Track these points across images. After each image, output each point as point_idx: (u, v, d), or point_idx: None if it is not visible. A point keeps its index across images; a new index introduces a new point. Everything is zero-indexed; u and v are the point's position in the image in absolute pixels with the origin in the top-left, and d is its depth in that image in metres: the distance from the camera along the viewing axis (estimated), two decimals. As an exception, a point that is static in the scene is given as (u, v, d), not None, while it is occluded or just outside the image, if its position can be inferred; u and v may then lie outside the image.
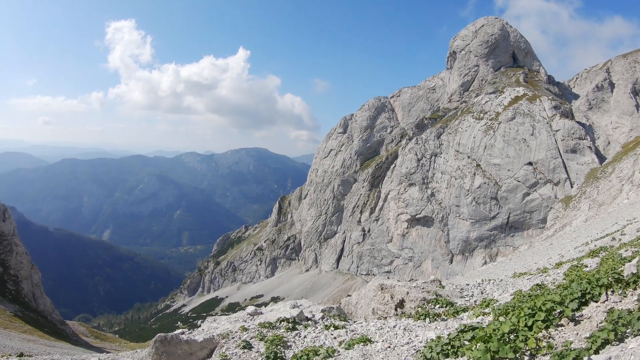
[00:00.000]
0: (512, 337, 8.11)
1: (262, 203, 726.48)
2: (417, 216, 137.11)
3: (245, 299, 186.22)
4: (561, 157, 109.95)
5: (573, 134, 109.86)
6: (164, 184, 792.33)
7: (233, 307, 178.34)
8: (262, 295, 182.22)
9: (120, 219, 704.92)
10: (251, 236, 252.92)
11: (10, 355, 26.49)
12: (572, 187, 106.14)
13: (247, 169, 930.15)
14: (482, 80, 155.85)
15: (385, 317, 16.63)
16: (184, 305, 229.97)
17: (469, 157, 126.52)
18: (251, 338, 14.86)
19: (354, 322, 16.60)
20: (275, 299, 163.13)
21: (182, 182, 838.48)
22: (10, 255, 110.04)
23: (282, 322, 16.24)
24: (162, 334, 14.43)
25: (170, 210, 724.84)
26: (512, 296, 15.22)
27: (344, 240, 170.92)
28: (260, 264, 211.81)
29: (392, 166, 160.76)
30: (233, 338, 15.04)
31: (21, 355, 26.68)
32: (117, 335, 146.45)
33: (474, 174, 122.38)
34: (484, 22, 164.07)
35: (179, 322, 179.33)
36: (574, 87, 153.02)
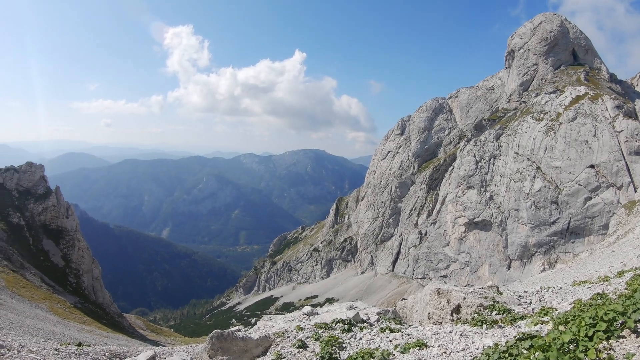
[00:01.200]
0: (571, 347, 8.01)
1: (319, 204, 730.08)
2: (475, 220, 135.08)
3: (300, 299, 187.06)
4: (624, 159, 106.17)
5: (637, 134, 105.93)
6: (223, 184, 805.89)
7: (287, 307, 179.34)
8: (316, 296, 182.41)
9: (179, 217, 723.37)
10: (308, 237, 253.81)
11: (69, 344, 26.58)
12: (635, 191, 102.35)
13: (305, 170, 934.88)
14: (541, 79, 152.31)
15: (441, 322, 16.33)
16: (239, 303, 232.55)
17: (528, 159, 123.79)
18: (306, 338, 14.97)
19: (409, 326, 16.43)
20: (329, 300, 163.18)
21: (240, 183, 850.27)
22: (73, 249, 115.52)
23: (338, 323, 16.23)
24: (219, 330, 14.94)
25: (228, 210, 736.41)
26: (572, 305, 14.80)
27: (401, 243, 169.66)
28: (316, 265, 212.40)
29: (450, 168, 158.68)
30: (288, 337, 15.25)
31: (79, 344, 27.10)
32: (172, 330, 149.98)
33: (534, 176, 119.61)
34: (542, 19, 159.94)
35: (233, 320, 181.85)
36: (637, 85, 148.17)
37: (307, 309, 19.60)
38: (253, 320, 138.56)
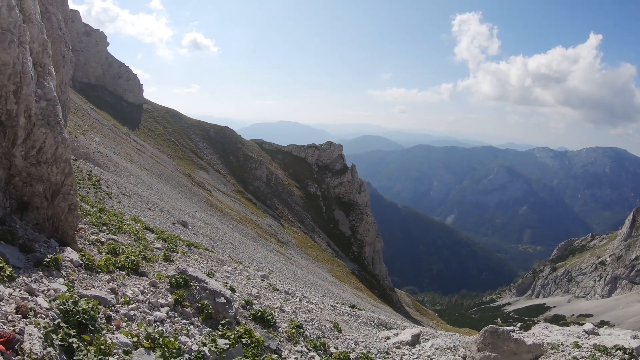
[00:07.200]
0: None
1: (614, 211, 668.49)
2: None
3: (573, 314, 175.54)
4: None
5: None
6: (513, 178, 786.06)
7: (557, 320, 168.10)
8: (591, 315, 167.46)
9: (465, 206, 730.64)
10: (596, 247, 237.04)
11: (343, 304, 30.97)
12: None
13: (603, 171, 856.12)
14: None
15: None
16: (508, 304, 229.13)
17: None
18: (582, 357, 14.72)
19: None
20: (604, 323, 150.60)
21: (531, 178, 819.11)
22: (360, 222, 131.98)
23: (618, 351, 15.32)
24: (494, 326, 15.80)
25: (515, 204, 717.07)
26: None
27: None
28: (598, 280, 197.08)
29: None
30: (562, 352, 15.23)
31: (353, 306, 30.99)
32: (436, 314, 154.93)
33: None
34: None
35: (498, 319, 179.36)
36: None
37: (588, 326, 19.11)
38: (518, 325, 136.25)
